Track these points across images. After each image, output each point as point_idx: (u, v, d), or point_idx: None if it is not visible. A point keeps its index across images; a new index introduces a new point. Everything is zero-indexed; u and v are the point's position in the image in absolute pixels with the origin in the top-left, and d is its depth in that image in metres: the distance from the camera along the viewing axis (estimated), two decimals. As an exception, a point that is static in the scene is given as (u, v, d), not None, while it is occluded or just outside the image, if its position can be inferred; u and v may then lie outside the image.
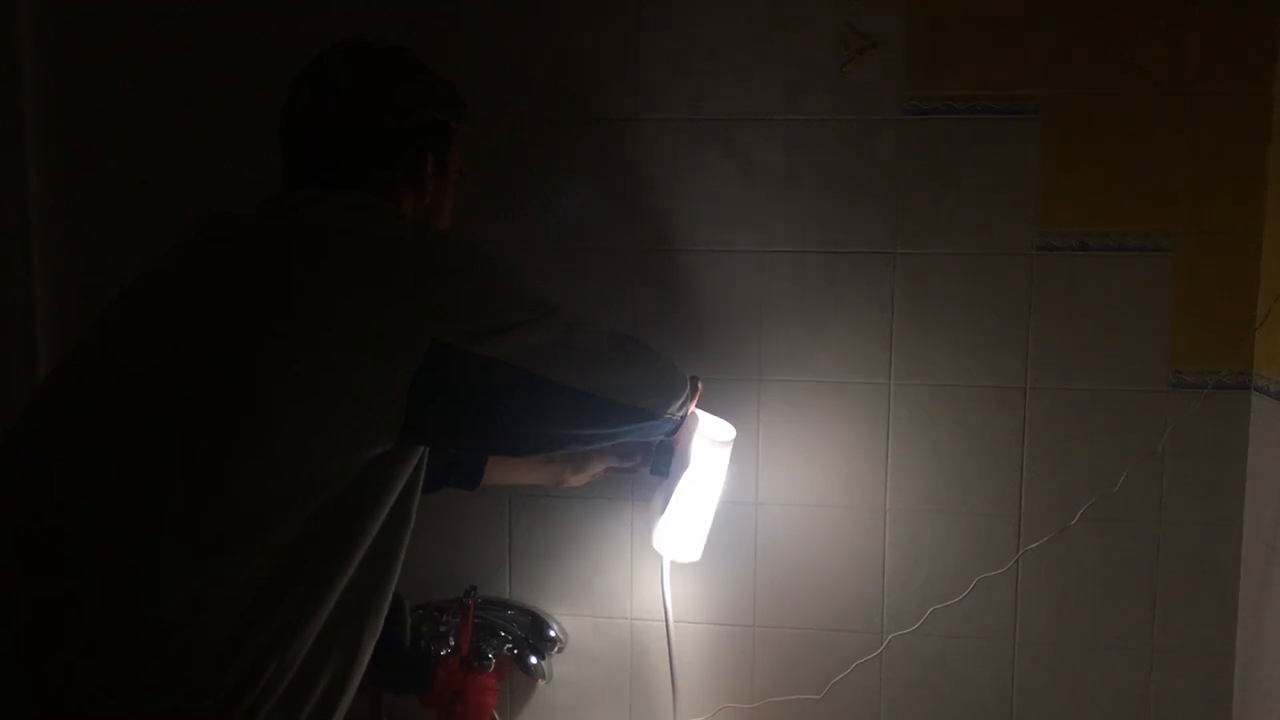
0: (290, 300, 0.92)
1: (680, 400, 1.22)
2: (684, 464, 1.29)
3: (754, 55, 1.42)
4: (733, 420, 1.33)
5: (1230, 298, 1.35)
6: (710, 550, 1.35)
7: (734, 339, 1.44)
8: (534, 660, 1.45)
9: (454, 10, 1.45)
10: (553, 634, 1.48)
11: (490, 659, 1.41)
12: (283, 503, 0.88)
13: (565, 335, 1.04)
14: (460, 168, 1.17)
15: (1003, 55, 1.37)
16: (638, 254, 1.45)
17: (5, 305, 1.53)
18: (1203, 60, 1.34)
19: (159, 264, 1.01)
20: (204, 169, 1.48)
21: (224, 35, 1.49)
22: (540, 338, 1.01)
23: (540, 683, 1.50)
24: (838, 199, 1.41)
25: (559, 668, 1.50)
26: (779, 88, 1.41)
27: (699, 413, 1.30)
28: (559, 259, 1.46)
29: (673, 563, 1.39)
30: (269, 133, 1.09)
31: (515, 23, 1.45)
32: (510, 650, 1.45)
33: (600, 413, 1.09)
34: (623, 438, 1.16)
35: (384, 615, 1.01)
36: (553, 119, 1.45)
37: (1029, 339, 1.39)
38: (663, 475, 1.32)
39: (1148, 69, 1.34)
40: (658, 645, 1.47)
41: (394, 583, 1.02)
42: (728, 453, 1.32)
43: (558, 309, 1.05)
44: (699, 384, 1.30)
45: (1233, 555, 1.37)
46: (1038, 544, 1.40)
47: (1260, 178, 1.34)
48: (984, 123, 1.38)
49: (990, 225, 1.39)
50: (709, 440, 1.29)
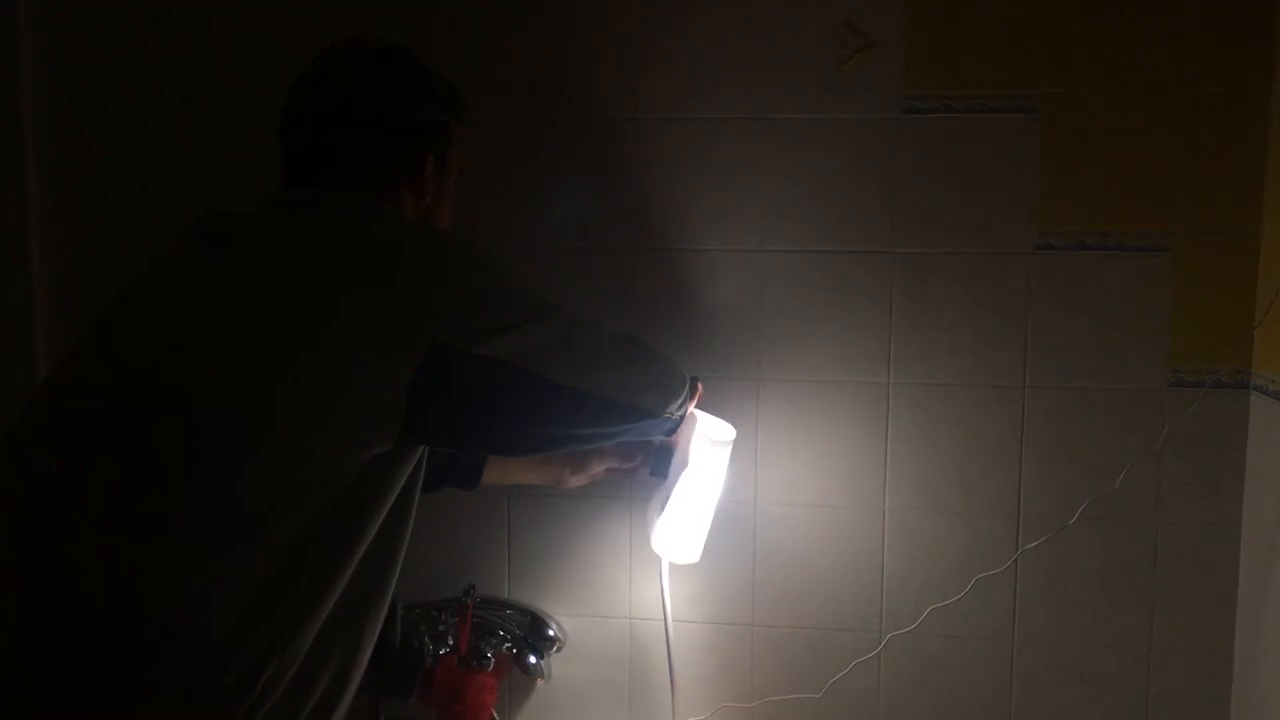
0: (290, 300, 0.92)
1: (680, 399, 1.22)
2: (683, 464, 1.29)
3: (753, 55, 1.41)
4: (732, 420, 1.33)
5: (1229, 297, 1.35)
6: (709, 549, 1.34)
7: (733, 339, 1.44)
8: (533, 659, 1.45)
9: (454, 10, 1.45)
10: (552, 633, 1.47)
11: (489, 658, 1.41)
12: (283, 503, 0.88)
13: (565, 335, 1.04)
14: (460, 168, 1.17)
15: (1002, 55, 1.37)
16: (638, 254, 1.45)
17: (5, 305, 1.52)
18: (1202, 60, 1.34)
19: (159, 264, 1.01)
20: (204, 169, 1.48)
21: (224, 35, 1.49)
22: (540, 337, 1.01)
23: (539, 682, 1.50)
24: (837, 199, 1.41)
25: (558, 667, 1.50)
26: (778, 87, 1.41)
27: (698, 413, 1.30)
28: (559, 259, 1.46)
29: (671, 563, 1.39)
30: (269, 133, 1.09)
31: (515, 23, 1.45)
32: (509, 649, 1.45)
33: (600, 412, 1.09)
34: (622, 437, 1.16)
35: (384, 615, 1.01)
36: (553, 119, 1.45)
37: (1028, 338, 1.40)
38: (661, 477, 1.32)
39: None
40: (657, 645, 1.47)
41: (394, 582, 1.02)
42: (727, 453, 1.32)
43: (558, 309, 1.06)
44: (699, 384, 1.30)
45: (1231, 555, 1.37)
46: (1036, 543, 1.40)
47: (1259, 178, 1.34)
48: (983, 122, 1.38)
49: (989, 225, 1.39)
50: (708, 440, 1.29)
